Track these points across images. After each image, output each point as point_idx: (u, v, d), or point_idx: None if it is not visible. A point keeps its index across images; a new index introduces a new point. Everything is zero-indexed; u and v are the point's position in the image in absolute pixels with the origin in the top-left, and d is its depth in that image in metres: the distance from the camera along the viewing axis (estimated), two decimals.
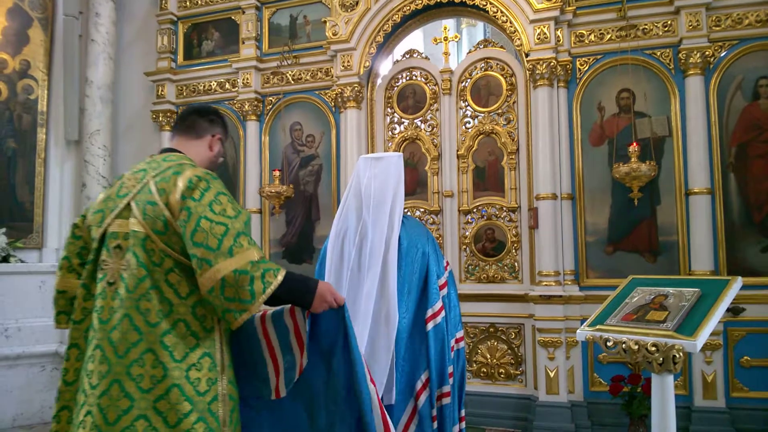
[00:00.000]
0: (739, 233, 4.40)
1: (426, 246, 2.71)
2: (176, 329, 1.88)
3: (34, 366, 5.16)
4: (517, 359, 4.90)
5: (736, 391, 4.32)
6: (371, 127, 5.49)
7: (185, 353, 1.88)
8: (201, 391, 1.88)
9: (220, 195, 1.93)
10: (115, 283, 1.93)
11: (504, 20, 4.87)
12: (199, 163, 2.17)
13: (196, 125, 2.24)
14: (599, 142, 4.72)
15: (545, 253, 4.64)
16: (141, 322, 1.86)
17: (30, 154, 5.60)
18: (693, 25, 4.47)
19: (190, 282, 1.91)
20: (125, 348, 1.85)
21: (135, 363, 1.84)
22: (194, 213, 1.86)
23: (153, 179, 1.98)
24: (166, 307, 1.89)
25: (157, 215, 1.91)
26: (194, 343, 1.90)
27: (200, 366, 1.90)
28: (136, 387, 1.83)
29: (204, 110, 2.31)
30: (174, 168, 2.00)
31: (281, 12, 5.83)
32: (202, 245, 1.83)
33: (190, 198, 1.89)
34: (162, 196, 1.93)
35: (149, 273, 1.89)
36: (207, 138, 2.25)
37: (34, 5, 5.68)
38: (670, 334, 2.32)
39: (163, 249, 1.91)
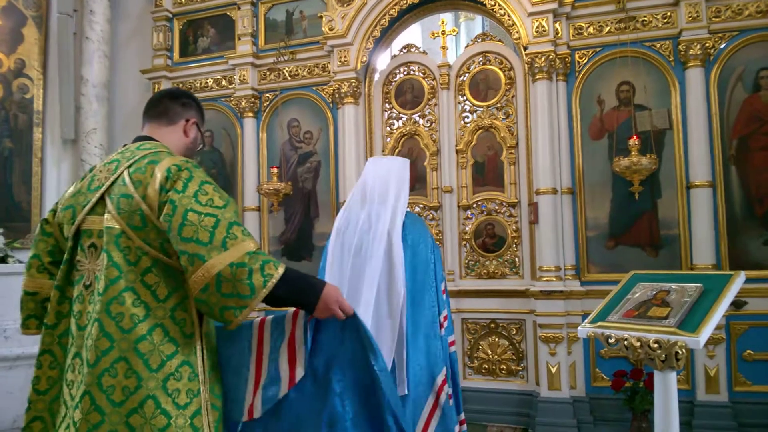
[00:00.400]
0: (741, 226, 4.36)
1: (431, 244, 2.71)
2: (153, 335, 1.70)
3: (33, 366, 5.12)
4: (519, 355, 4.88)
5: (739, 385, 4.29)
6: (369, 122, 5.45)
7: (162, 361, 1.69)
8: (180, 404, 1.70)
9: (204, 184, 1.76)
10: (92, 285, 1.76)
11: (502, 13, 4.83)
12: (175, 151, 1.98)
13: (168, 110, 2.06)
14: (599, 136, 4.69)
15: (546, 248, 4.61)
16: (112, 328, 1.67)
17: (26, 153, 5.57)
18: (693, 16, 4.42)
19: (170, 283, 1.75)
20: (95, 356, 1.66)
21: (106, 372, 1.66)
22: (179, 206, 1.68)
23: (127, 170, 1.80)
24: (141, 311, 1.70)
25: (133, 209, 1.73)
26: (173, 350, 1.72)
27: (179, 375, 1.72)
28: (107, 399, 1.65)
29: (176, 93, 2.12)
30: (149, 157, 1.81)
31: (277, 7, 5.78)
32: (192, 240, 1.65)
33: (172, 190, 1.71)
34: (138, 188, 1.74)
35: (123, 273, 1.71)
36: (181, 123, 2.07)
37: (28, 4, 5.63)
38: (672, 331, 2.28)
39: (140, 246, 1.73)
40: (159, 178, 1.73)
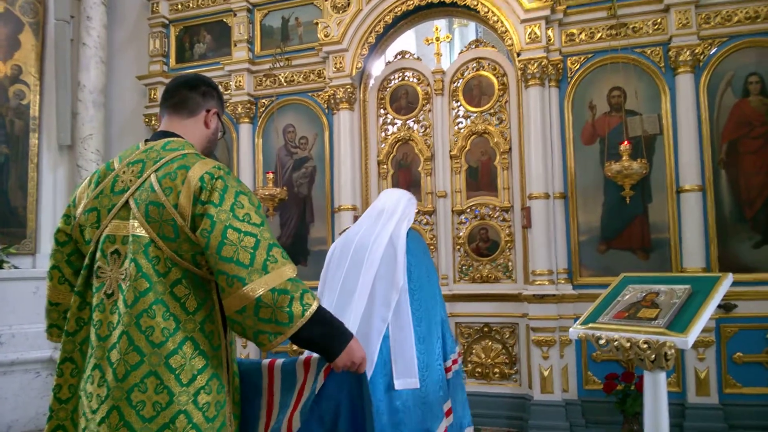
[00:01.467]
0: (731, 229, 4.42)
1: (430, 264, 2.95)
2: (184, 348, 1.63)
3: (29, 372, 5.14)
4: (512, 359, 4.92)
5: (729, 387, 4.34)
6: (364, 128, 5.50)
7: (193, 376, 1.64)
8: (210, 417, 1.66)
9: (240, 195, 1.68)
10: (114, 294, 1.68)
11: (495, 20, 4.89)
12: (197, 144, 1.91)
13: (188, 101, 1.93)
14: (591, 141, 4.74)
15: (538, 252, 4.66)
16: (143, 342, 1.61)
17: (23, 159, 5.59)
18: (683, 22, 4.49)
19: (199, 295, 1.69)
20: (124, 371, 1.60)
21: (136, 388, 1.60)
22: (218, 222, 1.61)
23: (155, 173, 1.70)
24: (171, 324, 1.63)
25: (164, 219, 1.65)
26: (203, 363, 1.66)
27: (209, 389, 1.67)
28: (137, 415, 1.59)
29: (194, 82, 1.97)
30: (178, 161, 1.72)
31: (273, 14, 5.83)
32: (232, 260, 1.59)
33: (209, 203, 1.63)
34: (169, 195, 1.65)
35: (152, 285, 1.64)
36: (202, 114, 1.95)
37: (25, 10, 5.66)
38: (661, 332, 2.33)
39: (170, 257, 1.66)
40: (193, 187, 1.65)
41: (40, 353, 5.15)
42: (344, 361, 1.77)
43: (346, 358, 1.76)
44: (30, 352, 5.12)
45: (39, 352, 5.15)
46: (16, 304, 5.16)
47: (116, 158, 1.86)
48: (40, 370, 5.17)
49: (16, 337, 5.09)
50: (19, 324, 5.15)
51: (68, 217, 1.91)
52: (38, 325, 5.21)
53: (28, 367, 5.12)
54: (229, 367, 1.78)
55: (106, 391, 1.62)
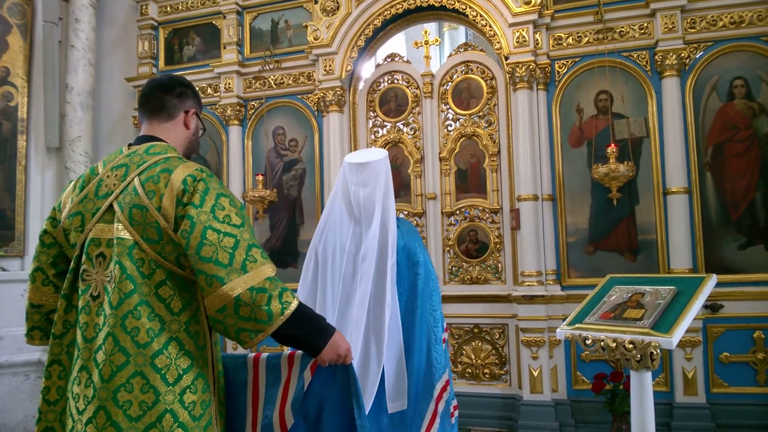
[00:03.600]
0: (717, 231, 4.47)
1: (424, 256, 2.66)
2: (169, 349, 1.68)
3: (18, 375, 5.11)
4: (502, 359, 4.95)
5: (716, 386, 4.39)
6: (354, 130, 5.52)
7: (179, 375, 1.68)
8: (196, 416, 1.70)
9: (221, 197, 1.72)
10: (100, 296, 1.72)
11: (483, 24, 4.92)
12: (179, 146, 1.95)
13: (166, 104, 1.95)
14: (578, 144, 4.79)
15: (527, 253, 4.69)
16: (128, 343, 1.65)
17: (10, 161, 5.55)
18: (668, 27, 4.55)
19: (183, 296, 1.73)
20: (110, 371, 1.63)
21: (122, 388, 1.63)
22: (197, 222, 1.65)
23: (138, 177, 1.74)
24: (156, 325, 1.68)
25: (147, 221, 1.69)
26: (188, 363, 1.71)
27: (195, 388, 1.71)
28: (124, 415, 1.63)
29: (168, 84, 1.99)
30: (161, 164, 1.76)
31: (262, 17, 5.84)
32: (211, 260, 1.63)
33: (190, 204, 1.67)
34: (152, 198, 1.70)
35: (137, 286, 1.68)
36: (180, 116, 1.98)
37: (13, 12, 5.63)
38: (646, 332, 2.36)
39: (154, 259, 1.70)
40: (176, 189, 1.69)
41: (29, 356, 5.12)
42: (329, 355, 1.80)
43: (331, 352, 1.80)
44: (18, 354, 5.09)
45: (27, 355, 5.12)
46: (4, 306, 5.12)
47: (100, 163, 1.89)
48: (29, 373, 5.14)
49: (4, 340, 5.06)
50: (7, 327, 5.11)
51: (54, 220, 1.93)
52: None
53: (16, 369, 5.09)
54: (215, 366, 1.81)
55: (92, 392, 1.65)
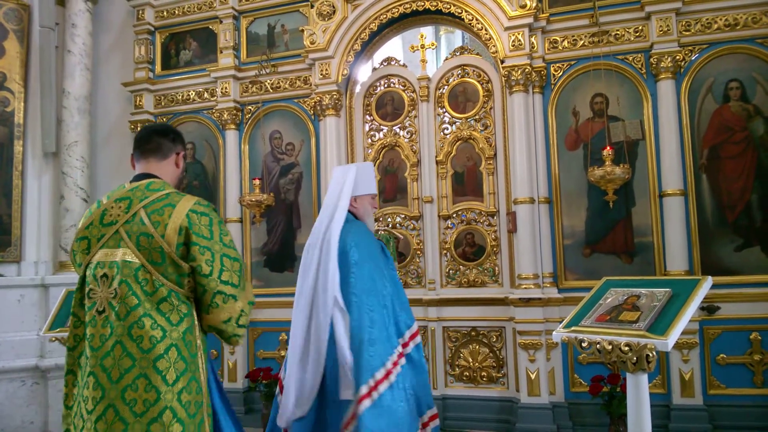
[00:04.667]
0: (713, 233, 4.48)
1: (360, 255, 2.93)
2: (168, 354, 1.98)
3: (15, 381, 5.09)
4: (499, 362, 4.95)
5: (714, 388, 4.40)
6: (350, 134, 5.53)
7: (176, 377, 1.99)
8: (191, 414, 2.00)
9: (221, 224, 2.14)
10: (105, 311, 2.02)
11: (479, 28, 4.94)
12: (170, 181, 2.29)
13: (161, 146, 2.30)
14: (574, 147, 4.80)
15: (524, 256, 4.70)
16: (134, 349, 1.96)
17: (7, 166, 5.54)
18: (663, 30, 4.56)
19: (181, 310, 2.06)
20: (118, 374, 1.94)
21: (128, 388, 1.93)
22: (216, 252, 2.06)
23: (143, 210, 2.07)
24: (159, 333, 1.99)
25: (153, 247, 2.02)
26: (183, 367, 2.01)
27: (190, 389, 2.01)
28: (130, 411, 1.92)
29: (162, 130, 2.36)
30: (164, 200, 2.10)
31: (259, 21, 5.85)
32: (229, 283, 2.07)
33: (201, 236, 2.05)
34: (157, 228, 2.03)
35: (141, 302, 2.00)
36: (173, 156, 2.34)
37: (10, 17, 5.63)
38: (642, 334, 2.37)
39: (157, 279, 2.02)
40: (180, 221, 2.05)
41: (26, 361, 5.11)
42: None
43: None
44: (15, 360, 5.08)
45: (24, 361, 5.11)
46: (1, 312, 5.12)
47: (104, 197, 2.20)
48: (25, 379, 5.13)
49: (1, 346, 5.05)
50: (4, 332, 5.10)
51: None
52: (23, 333, 5.18)
53: (13, 375, 5.07)
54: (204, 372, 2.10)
55: (101, 393, 1.94)
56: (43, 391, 5.17)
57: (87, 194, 5.75)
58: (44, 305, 5.27)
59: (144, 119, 6.01)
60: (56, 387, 5.17)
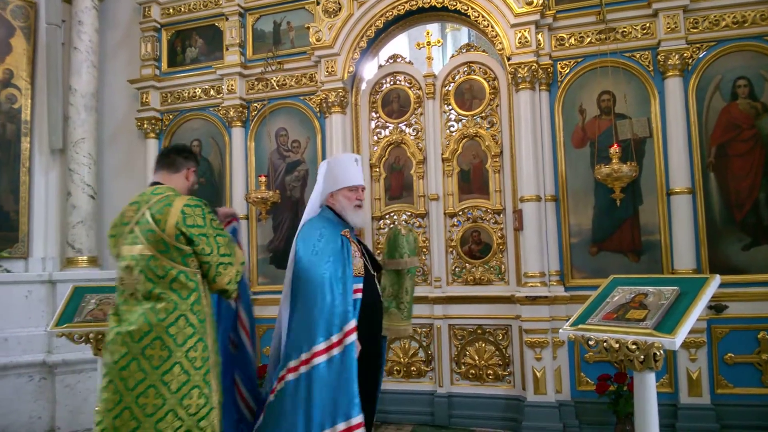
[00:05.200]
0: (721, 232, 4.46)
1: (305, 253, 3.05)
2: (178, 322, 2.57)
3: (22, 376, 5.12)
4: (505, 360, 4.94)
5: (721, 387, 4.37)
6: (356, 131, 5.52)
7: (184, 339, 2.57)
8: (197, 366, 2.59)
9: (209, 213, 2.70)
10: (134, 294, 2.62)
11: (485, 25, 4.92)
12: (180, 190, 2.82)
13: (175, 162, 2.91)
14: (581, 144, 4.78)
15: (530, 254, 4.68)
16: (153, 319, 2.55)
17: (14, 163, 5.56)
18: (671, 27, 4.54)
19: (189, 286, 2.61)
20: (139, 336, 2.53)
21: (147, 347, 2.52)
22: (210, 236, 2.65)
23: (148, 211, 2.63)
24: (171, 306, 2.57)
25: (157, 239, 2.58)
26: (192, 332, 2.59)
27: (196, 348, 2.59)
28: (149, 365, 2.51)
29: (180, 149, 3.01)
30: (164, 201, 2.66)
31: (265, 18, 5.85)
32: (226, 254, 2.70)
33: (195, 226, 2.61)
34: (158, 224, 2.59)
35: (156, 284, 2.58)
36: (184, 171, 2.92)
37: (17, 14, 5.65)
38: (649, 332, 2.36)
39: (167, 264, 2.58)
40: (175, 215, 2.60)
41: (33, 357, 5.13)
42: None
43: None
44: (23, 356, 5.10)
45: (32, 356, 5.13)
46: (8, 308, 5.14)
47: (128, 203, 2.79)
48: (33, 374, 5.15)
49: (8, 341, 5.08)
50: (12, 328, 5.13)
51: None
52: (30, 328, 5.20)
53: (20, 371, 5.10)
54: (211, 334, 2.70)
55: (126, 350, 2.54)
56: (50, 386, 5.19)
57: (94, 191, 5.77)
58: (51, 301, 5.28)
59: (150, 116, 6.02)
60: (63, 382, 5.20)
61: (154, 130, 6.02)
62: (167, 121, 6.08)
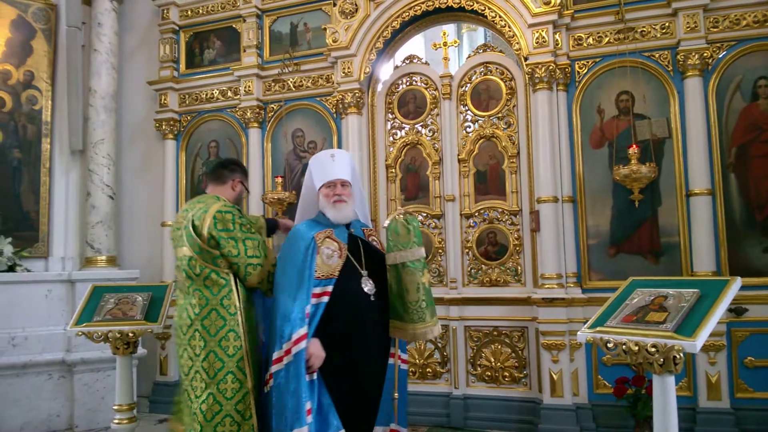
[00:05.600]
0: (741, 234, 4.40)
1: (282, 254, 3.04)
2: (210, 315, 2.94)
3: (41, 374, 5.18)
4: (521, 362, 4.91)
5: (741, 391, 4.31)
6: (372, 132, 5.52)
7: (217, 330, 2.93)
8: (230, 354, 2.92)
9: (240, 218, 3.03)
10: (181, 290, 3.09)
11: (503, 25, 4.90)
12: (228, 199, 3.20)
13: (222, 175, 3.29)
14: (599, 145, 4.74)
15: (547, 255, 4.65)
16: (191, 313, 2.98)
17: (35, 164, 5.64)
18: (691, 26, 4.49)
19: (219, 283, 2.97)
20: (185, 329, 2.98)
21: (191, 338, 2.96)
22: (238, 239, 2.97)
23: (192, 217, 3.00)
24: (203, 301, 2.96)
25: (194, 243, 2.96)
26: (223, 323, 2.94)
27: (228, 338, 2.93)
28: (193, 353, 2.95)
29: (225, 163, 3.41)
30: (203, 208, 3.03)
31: (282, 20, 5.88)
32: (254, 256, 2.99)
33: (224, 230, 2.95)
34: (196, 229, 2.96)
35: (193, 281, 3.00)
36: (229, 183, 3.29)
37: (38, 17, 5.73)
38: (669, 335, 2.32)
39: (201, 264, 2.96)
40: (208, 222, 2.95)
41: (52, 355, 5.19)
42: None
43: None
44: (42, 354, 5.17)
45: (51, 355, 5.19)
46: (28, 306, 5.21)
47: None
48: (52, 372, 5.21)
49: (29, 340, 5.14)
50: (32, 327, 5.19)
51: None
52: (50, 327, 5.26)
53: (40, 369, 5.16)
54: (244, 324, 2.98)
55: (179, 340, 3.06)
56: (68, 384, 5.25)
57: (113, 191, 5.83)
58: (71, 300, 5.34)
59: (168, 117, 6.07)
60: (81, 381, 5.26)
61: (172, 131, 6.07)
62: (185, 123, 6.13)
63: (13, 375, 5.06)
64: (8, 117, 5.57)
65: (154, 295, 3.73)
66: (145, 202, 6.24)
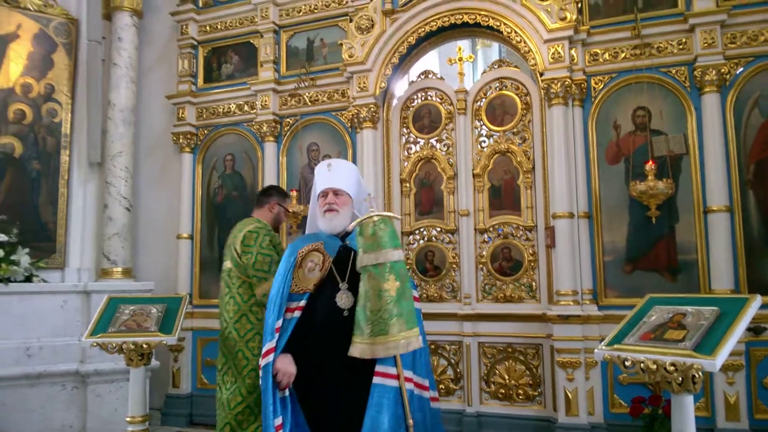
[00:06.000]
0: (760, 251, 4.33)
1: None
2: (241, 319, 3.62)
3: (56, 385, 5.20)
4: (536, 380, 4.86)
5: (760, 412, 4.22)
6: (387, 147, 5.54)
7: (246, 332, 3.60)
8: (255, 354, 3.51)
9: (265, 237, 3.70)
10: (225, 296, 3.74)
11: (518, 40, 4.90)
12: (267, 221, 3.94)
13: (260, 201, 4.07)
14: (615, 161, 4.71)
15: (563, 272, 4.61)
16: (227, 316, 3.67)
17: (54, 175, 5.71)
18: (708, 42, 4.46)
19: (248, 291, 3.64)
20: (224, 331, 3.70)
21: (226, 339, 3.65)
22: (254, 253, 3.62)
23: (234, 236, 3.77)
24: (236, 307, 3.64)
25: (233, 256, 3.70)
26: (250, 327, 3.61)
27: (254, 340, 3.56)
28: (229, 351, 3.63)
29: (265, 189, 4.27)
30: (241, 228, 3.81)
31: (298, 35, 5.93)
32: (261, 270, 3.61)
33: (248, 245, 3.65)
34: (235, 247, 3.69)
35: (231, 289, 3.68)
36: (267, 206, 4.02)
37: (59, 31, 5.83)
38: (688, 353, 2.29)
39: (237, 275, 3.66)
40: (240, 238, 3.70)
41: (67, 366, 5.22)
42: None
43: None
44: (57, 364, 5.19)
45: (66, 365, 5.21)
46: (44, 317, 5.24)
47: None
48: (66, 383, 5.23)
49: (43, 350, 5.17)
50: (47, 337, 5.23)
51: None
52: (65, 338, 5.29)
53: (54, 379, 5.18)
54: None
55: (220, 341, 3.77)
56: (82, 395, 5.27)
57: (130, 203, 5.88)
58: (86, 311, 5.37)
59: (186, 131, 6.13)
60: (95, 392, 5.27)
61: (189, 145, 6.13)
62: (202, 136, 6.19)
63: (27, 385, 5.08)
64: (28, 129, 5.65)
65: (169, 307, 3.75)
66: (161, 214, 6.29)
